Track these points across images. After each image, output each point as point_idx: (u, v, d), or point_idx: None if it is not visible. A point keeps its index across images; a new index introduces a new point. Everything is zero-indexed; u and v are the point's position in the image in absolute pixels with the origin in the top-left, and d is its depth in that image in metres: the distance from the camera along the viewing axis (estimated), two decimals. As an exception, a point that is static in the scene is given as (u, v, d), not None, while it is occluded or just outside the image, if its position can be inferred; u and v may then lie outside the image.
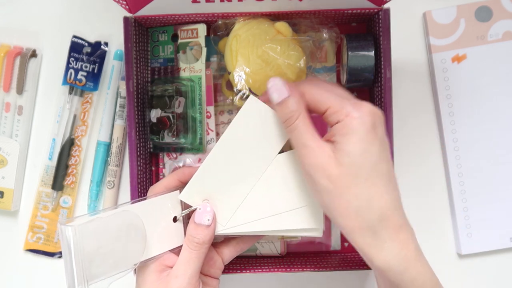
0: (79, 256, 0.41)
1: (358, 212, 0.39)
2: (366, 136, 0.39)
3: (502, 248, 0.61)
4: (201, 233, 0.45)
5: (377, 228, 0.39)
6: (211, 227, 0.45)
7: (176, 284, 0.44)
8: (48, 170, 0.62)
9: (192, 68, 0.58)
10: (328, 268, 0.56)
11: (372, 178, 0.39)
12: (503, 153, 0.61)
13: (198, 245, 0.45)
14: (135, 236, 0.45)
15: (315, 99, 0.42)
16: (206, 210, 0.45)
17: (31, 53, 0.62)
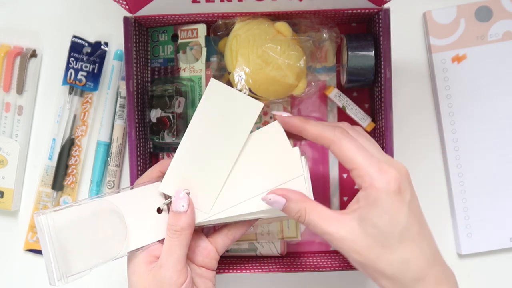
0: (54, 245, 0.41)
1: (393, 277, 0.40)
2: (391, 206, 0.39)
3: (502, 248, 0.61)
4: (178, 219, 0.45)
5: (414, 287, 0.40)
6: (188, 213, 0.45)
7: (161, 273, 0.44)
8: (48, 170, 0.62)
9: (192, 68, 0.58)
10: (328, 268, 0.56)
11: (403, 244, 0.39)
12: (503, 153, 0.61)
13: (177, 233, 0.45)
14: (114, 225, 0.45)
15: (341, 154, 0.42)
16: (179, 197, 0.45)
17: (31, 53, 0.62)
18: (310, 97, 0.61)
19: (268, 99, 0.56)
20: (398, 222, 0.39)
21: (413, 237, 0.40)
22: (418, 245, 0.40)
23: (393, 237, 0.39)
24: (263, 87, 0.54)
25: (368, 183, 0.40)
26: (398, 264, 0.39)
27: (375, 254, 0.40)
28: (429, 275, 0.40)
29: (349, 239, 0.40)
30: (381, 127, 0.55)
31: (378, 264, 0.40)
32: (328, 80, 0.61)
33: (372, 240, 0.40)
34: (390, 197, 0.39)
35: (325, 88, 0.60)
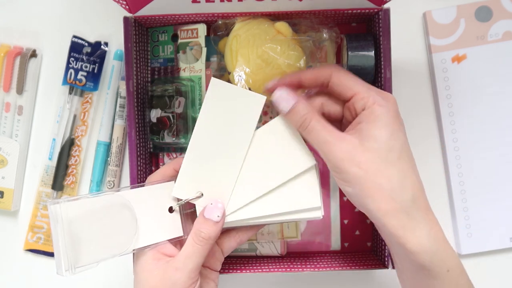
0: (66, 234, 0.41)
1: (392, 194, 0.40)
2: (393, 122, 0.41)
3: (502, 248, 0.61)
4: (208, 228, 0.45)
5: (411, 209, 0.40)
6: (219, 224, 0.45)
7: (175, 277, 0.44)
8: (48, 170, 0.62)
9: (192, 68, 0.58)
10: (328, 268, 0.56)
11: (401, 160, 0.41)
12: (503, 153, 0.61)
13: (203, 240, 0.44)
14: (125, 220, 0.45)
15: (342, 83, 0.44)
16: (217, 206, 0.45)
17: (31, 53, 0.62)
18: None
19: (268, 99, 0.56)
20: (399, 138, 0.41)
21: (408, 158, 0.41)
22: (412, 167, 0.42)
23: (393, 151, 0.40)
24: (263, 87, 0.54)
25: (371, 102, 0.42)
26: (396, 179, 0.40)
27: (375, 168, 0.40)
28: (421, 198, 0.41)
29: (349, 152, 0.41)
30: (381, 127, 0.55)
31: (377, 178, 0.40)
32: (328, 80, 0.61)
33: (373, 154, 0.40)
34: (391, 115, 0.41)
35: (325, 88, 0.60)
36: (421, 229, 0.40)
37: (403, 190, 0.40)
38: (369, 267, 0.55)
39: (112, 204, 0.45)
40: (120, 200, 0.45)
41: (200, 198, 0.47)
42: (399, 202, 0.40)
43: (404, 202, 0.40)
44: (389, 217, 0.40)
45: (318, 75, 0.45)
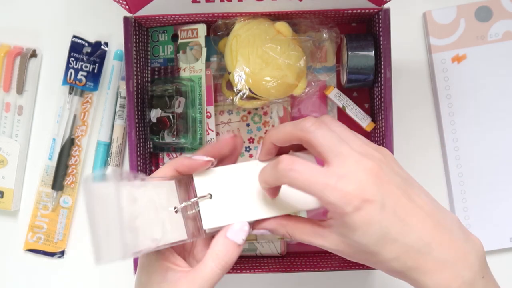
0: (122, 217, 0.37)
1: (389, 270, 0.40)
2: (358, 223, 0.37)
3: (502, 248, 0.61)
4: (231, 252, 0.41)
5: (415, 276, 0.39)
6: (241, 247, 0.42)
7: None
8: (48, 170, 0.62)
9: (192, 68, 0.58)
10: (328, 268, 0.56)
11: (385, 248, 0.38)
12: (503, 153, 0.61)
13: (226, 265, 0.41)
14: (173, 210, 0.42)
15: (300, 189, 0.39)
16: (244, 229, 0.42)
17: (31, 53, 0.62)
18: (310, 97, 0.61)
19: (268, 99, 0.56)
20: (372, 233, 0.38)
21: (394, 239, 0.38)
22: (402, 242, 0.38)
23: (372, 246, 0.38)
24: (263, 87, 0.54)
25: (332, 211, 0.39)
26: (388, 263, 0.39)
27: (364, 259, 0.41)
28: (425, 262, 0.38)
29: (336, 250, 0.42)
30: (381, 127, 0.55)
31: (370, 263, 0.41)
32: (328, 80, 0.61)
33: (356, 249, 0.40)
34: (355, 215, 0.37)
35: (325, 88, 0.60)
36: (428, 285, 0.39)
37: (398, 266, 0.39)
38: (369, 267, 0.55)
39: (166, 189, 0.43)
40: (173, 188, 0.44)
41: (207, 200, 0.44)
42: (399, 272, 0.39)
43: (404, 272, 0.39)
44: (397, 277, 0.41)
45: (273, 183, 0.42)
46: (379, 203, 0.37)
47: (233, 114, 0.60)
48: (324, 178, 0.38)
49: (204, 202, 0.44)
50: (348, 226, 0.38)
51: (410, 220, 0.38)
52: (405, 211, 0.38)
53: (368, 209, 0.37)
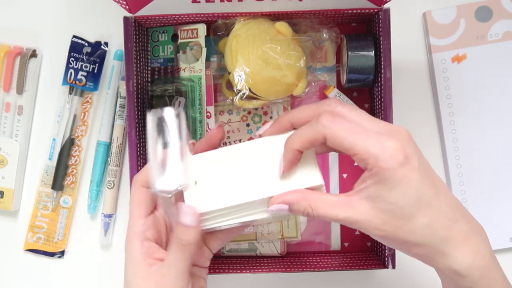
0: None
1: (419, 243, 0.39)
2: (401, 179, 0.38)
3: (501, 248, 0.61)
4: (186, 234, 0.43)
5: (442, 248, 0.39)
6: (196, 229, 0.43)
7: (163, 283, 0.43)
8: (48, 170, 0.62)
9: (192, 68, 0.58)
10: (328, 268, 0.56)
11: (420, 211, 0.39)
12: (503, 153, 0.61)
13: (183, 247, 0.43)
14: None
15: (338, 143, 0.40)
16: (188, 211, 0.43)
17: (31, 53, 0.62)
18: (310, 97, 0.61)
19: (268, 99, 0.56)
20: (411, 193, 0.39)
21: (429, 202, 0.39)
22: (436, 207, 0.39)
23: (408, 208, 0.39)
24: (263, 87, 0.54)
25: (373, 164, 0.39)
26: (420, 231, 0.39)
27: (394, 227, 0.39)
28: (455, 232, 0.40)
29: (363, 220, 0.40)
30: (381, 127, 0.55)
31: (399, 235, 0.39)
32: (328, 80, 0.61)
33: (388, 215, 0.39)
34: (397, 171, 0.38)
35: (325, 88, 0.60)
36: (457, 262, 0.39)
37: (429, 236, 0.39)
38: (369, 267, 0.55)
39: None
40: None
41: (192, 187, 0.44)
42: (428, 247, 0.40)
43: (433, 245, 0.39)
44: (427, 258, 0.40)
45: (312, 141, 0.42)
46: (417, 164, 0.39)
47: (233, 114, 0.60)
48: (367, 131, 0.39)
49: (189, 191, 0.44)
50: (387, 183, 0.38)
51: (439, 187, 0.40)
52: (434, 178, 0.40)
53: (410, 167, 0.38)
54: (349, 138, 0.39)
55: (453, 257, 0.39)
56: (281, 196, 0.42)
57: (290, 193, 0.42)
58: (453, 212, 0.40)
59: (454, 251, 0.39)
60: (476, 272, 0.39)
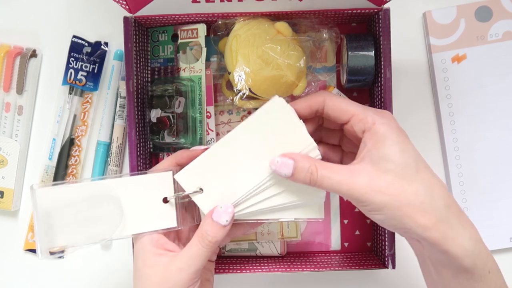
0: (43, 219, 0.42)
1: (425, 208, 0.39)
2: (398, 138, 0.41)
3: (501, 248, 0.61)
4: (216, 232, 0.44)
5: (447, 217, 0.40)
6: (226, 228, 0.44)
7: (178, 277, 0.43)
8: (48, 170, 0.62)
9: (192, 68, 0.58)
10: (328, 268, 0.56)
11: (421, 172, 0.40)
12: (503, 153, 0.61)
13: (210, 244, 0.44)
14: (108, 208, 0.45)
15: (337, 107, 0.44)
16: (227, 211, 0.44)
17: (31, 53, 0.62)
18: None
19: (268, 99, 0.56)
20: (410, 152, 0.41)
21: (425, 168, 0.41)
22: (432, 175, 0.41)
23: (409, 166, 0.40)
24: (263, 87, 0.54)
25: (371, 123, 0.41)
26: (423, 192, 0.40)
27: (398, 189, 0.39)
28: (452, 203, 0.40)
29: (368, 183, 0.40)
30: (381, 127, 0.55)
31: (404, 198, 0.39)
32: (328, 80, 0.61)
33: (391, 175, 0.40)
34: (394, 131, 0.41)
35: (325, 88, 0.60)
36: (461, 234, 0.39)
37: (434, 201, 0.40)
38: (369, 267, 0.55)
39: (98, 191, 0.45)
40: (105, 188, 0.45)
41: (199, 194, 0.46)
42: (434, 213, 0.39)
43: (439, 212, 0.39)
44: (430, 231, 0.39)
45: (311, 103, 0.45)
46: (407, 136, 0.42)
47: (233, 114, 0.60)
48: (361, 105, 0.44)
49: (197, 197, 0.46)
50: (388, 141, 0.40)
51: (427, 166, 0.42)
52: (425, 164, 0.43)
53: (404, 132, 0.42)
54: (346, 102, 0.44)
55: (456, 228, 0.39)
56: (288, 153, 0.43)
57: (298, 153, 0.44)
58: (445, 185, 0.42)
59: (456, 222, 0.40)
60: (477, 246, 0.40)
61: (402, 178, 0.40)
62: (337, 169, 0.41)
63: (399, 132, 0.41)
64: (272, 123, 0.45)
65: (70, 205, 0.44)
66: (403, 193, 0.39)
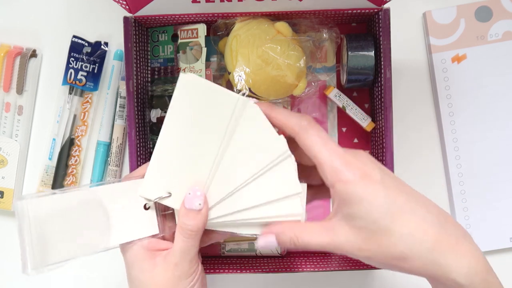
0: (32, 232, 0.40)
1: (406, 256, 0.38)
2: (364, 192, 0.38)
3: (501, 248, 0.61)
4: (193, 219, 0.43)
5: (434, 258, 0.38)
6: (202, 212, 0.44)
7: (178, 271, 0.44)
8: (48, 170, 0.62)
9: (192, 68, 0.58)
10: (328, 268, 0.56)
11: (396, 222, 0.38)
12: (503, 153, 0.61)
13: (192, 233, 0.43)
14: (96, 217, 0.44)
15: (306, 148, 0.41)
16: (196, 195, 0.44)
17: (31, 53, 0.62)
18: (310, 97, 0.61)
19: (268, 99, 0.56)
20: (379, 204, 0.38)
21: (402, 209, 0.38)
22: (411, 213, 0.39)
23: (381, 220, 0.38)
24: (263, 87, 0.54)
25: (334, 179, 0.39)
26: (402, 242, 0.38)
27: (376, 243, 0.39)
28: (441, 239, 0.38)
29: (345, 242, 0.40)
30: (381, 127, 0.55)
31: (384, 250, 0.38)
32: (328, 80, 0.61)
33: (365, 232, 0.39)
34: (358, 185, 0.38)
35: (325, 88, 0.60)
36: (455, 270, 0.38)
37: (415, 247, 0.38)
38: (369, 267, 0.55)
39: (83, 200, 0.44)
40: (91, 196, 0.44)
41: (169, 198, 0.45)
42: (418, 259, 0.38)
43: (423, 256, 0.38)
44: (419, 272, 0.39)
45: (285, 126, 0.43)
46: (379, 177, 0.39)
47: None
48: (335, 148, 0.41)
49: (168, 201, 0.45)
50: (352, 200, 0.38)
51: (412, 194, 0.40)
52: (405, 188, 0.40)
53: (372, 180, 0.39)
54: (317, 146, 0.41)
55: (448, 266, 0.38)
56: (268, 227, 0.43)
57: (276, 226, 0.43)
58: (436, 216, 0.39)
59: (447, 259, 0.38)
60: (475, 278, 0.38)
61: (378, 233, 0.38)
62: (315, 232, 0.41)
63: (365, 186, 0.38)
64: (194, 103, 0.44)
65: (60, 215, 0.42)
66: (382, 246, 0.39)
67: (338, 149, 0.41)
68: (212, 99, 0.44)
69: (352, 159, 0.40)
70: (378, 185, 0.39)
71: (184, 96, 0.44)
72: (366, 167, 0.40)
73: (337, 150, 0.40)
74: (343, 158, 0.40)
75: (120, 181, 0.47)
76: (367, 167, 0.40)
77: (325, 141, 0.41)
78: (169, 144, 0.45)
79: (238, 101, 0.44)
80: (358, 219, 0.39)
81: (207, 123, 0.44)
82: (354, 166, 0.39)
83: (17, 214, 0.41)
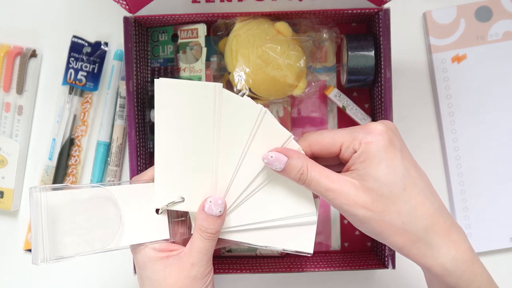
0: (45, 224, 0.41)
1: (405, 227, 0.39)
2: (385, 155, 0.40)
3: (502, 248, 0.61)
4: (212, 224, 0.44)
5: (428, 237, 0.39)
6: (222, 217, 0.45)
7: (194, 271, 0.44)
8: (48, 170, 0.62)
9: (192, 68, 0.58)
10: (328, 268, 0.56)
11: (406, 191, 0.40)
12: (503, 153, 0.61)
13: (212, 235, 0.44)
14: (109, 216, 0.44)
15: (324, 144, 0.43)
16: (217, 203, 0.44)
17: (31, 53, 0.62)
18: (310, 97, 0.61)
19: (268, 99, 0.56)
20: (396, 170, 0.40)
21: (414, 185, 0.40)
22: (421, 192, 0.40)
23: (395, 185, 0.39)
24: (263, 87, 0.54)
25: (358, 143, 0.41)
26: (406, 212, 0.39)
27: (382, 207, 0.40)
28: (438, 222, 0.40)
29: (353, 194, 0.40)
30: (381, 127, 0.55)
31: (386, 216, 0.40)
32: (328, 80, 0.61)
33: (376, 193, 0.40)
34: (381, 147, 0.40)
35: (325, 88, 0.60)
36: (443, 254, 0.39)
37: (415, 222, 0.39)
38: (369, 267, 0.55)
39: (97, 197, 0.44)
40: (107, 195, 0.44)
41: (183, 203, 0.46)
42: (414, 233, 0.39)
43: (419, 232, 0.39)
44: (409, 249, 0.40)
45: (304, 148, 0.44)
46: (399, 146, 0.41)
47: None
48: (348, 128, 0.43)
49: (181, 206, 0.46)
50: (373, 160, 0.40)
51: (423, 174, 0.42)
52: (417, 165, 0.42)
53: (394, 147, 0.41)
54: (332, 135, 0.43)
55: (438, 248, 0.39)
56: (284, 149, 0.43)
57: (293, 150, 0.43)
58: (436, 201, 0.41)
59: (439, 242, 0.39)
60: (461, 266, 0.39)
61: (387, 197, 0.39)
62: (327, 174, 0.41)
63: (387, 149, 0.40)
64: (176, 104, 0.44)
65: (74, 210, 0.43)
66: (386, 211, 0.40)
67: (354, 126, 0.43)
68: (191, 95, 0.44)
69: (376, 126, 0.41)
70: (399, 153, 0.40)
71: (164, 100, 0.45)
72: (390, 134, 0.41)
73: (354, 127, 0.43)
74: (366, 128, 0.42)
75: (130, 182, 0.47)
76: (390, 134, 0.41)
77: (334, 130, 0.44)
78: (166, 149, 0.46)
79: (215, 88, 0.44)
80: (372, 180, 0.40)
81: (195, 120, 0.45)
82: (379, 131, 0.41)
83: (33, 205, 0.41)
